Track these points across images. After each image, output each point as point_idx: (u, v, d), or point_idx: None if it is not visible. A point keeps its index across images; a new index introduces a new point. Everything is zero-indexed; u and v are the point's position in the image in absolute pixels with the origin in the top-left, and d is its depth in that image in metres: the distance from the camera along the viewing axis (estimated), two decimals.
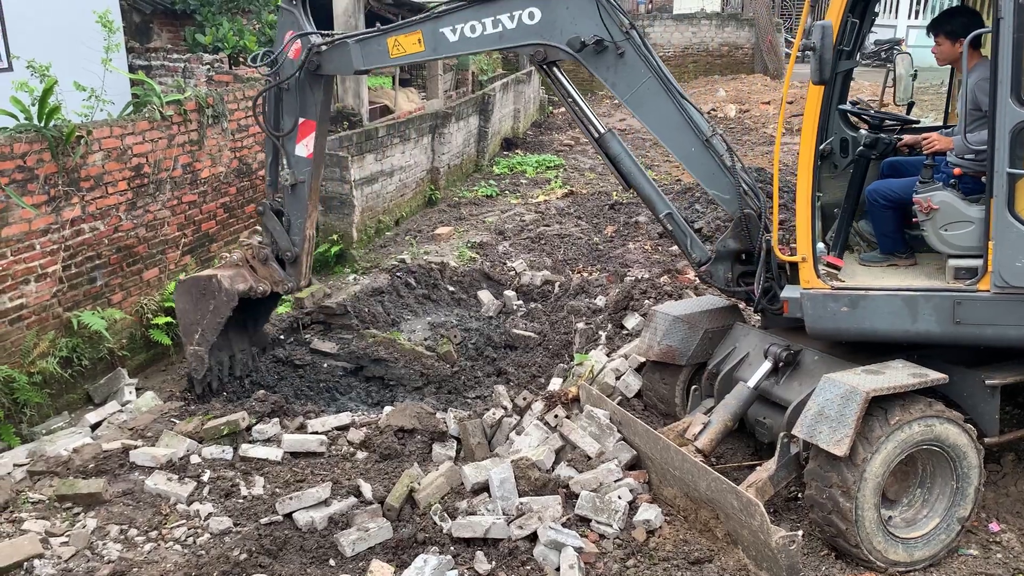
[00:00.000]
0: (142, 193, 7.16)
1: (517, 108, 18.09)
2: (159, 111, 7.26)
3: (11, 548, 4.50)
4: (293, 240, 6.43)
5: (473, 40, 5.42)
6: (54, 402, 6.29)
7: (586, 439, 5.12)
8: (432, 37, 5.51)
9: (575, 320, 7.86)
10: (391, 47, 5.66)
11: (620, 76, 5.16)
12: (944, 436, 4.33)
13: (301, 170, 6.26)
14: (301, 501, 4.84)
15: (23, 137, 6.01)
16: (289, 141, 6.23)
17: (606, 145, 5.50)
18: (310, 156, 6.23)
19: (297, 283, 6.58)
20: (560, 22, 5.18)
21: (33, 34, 8.21)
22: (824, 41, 4.28)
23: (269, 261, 6.48)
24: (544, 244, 10.58)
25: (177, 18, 10.77)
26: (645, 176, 5.54)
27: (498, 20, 5.29)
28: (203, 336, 6.30)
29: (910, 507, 4.53)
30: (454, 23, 5.41)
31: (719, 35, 25.48)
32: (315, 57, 5.92)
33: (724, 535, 4.41)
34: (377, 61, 5.82)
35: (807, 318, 4.67)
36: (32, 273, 6.15)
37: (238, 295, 6.23)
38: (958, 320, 4.41)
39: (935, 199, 4.54)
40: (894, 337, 4.61)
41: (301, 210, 6.36)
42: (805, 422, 4.31)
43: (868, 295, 4.56)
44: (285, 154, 6.28)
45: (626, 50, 5.11)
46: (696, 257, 5.38)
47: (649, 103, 5.14)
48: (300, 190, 6.31)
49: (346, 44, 5.83)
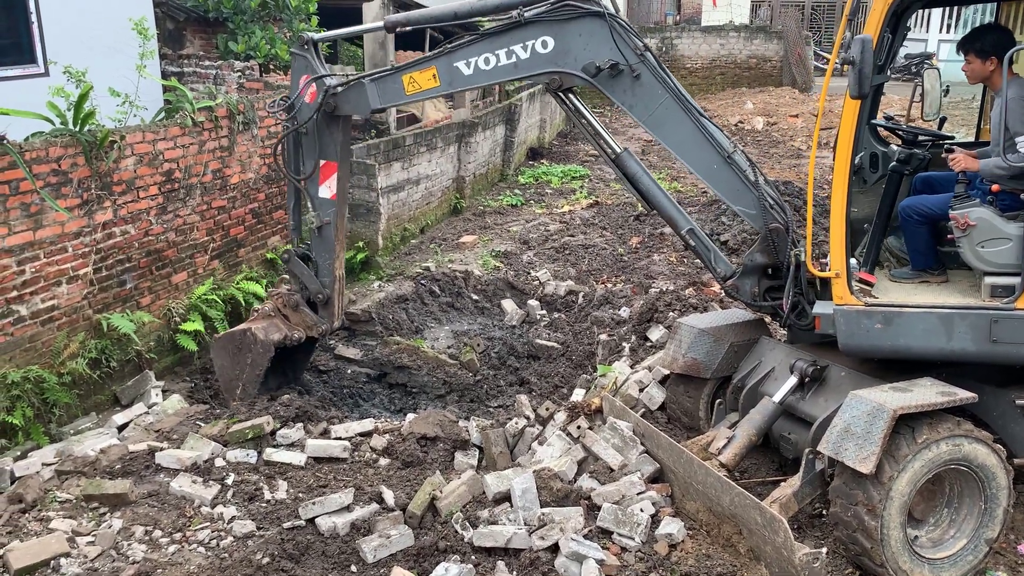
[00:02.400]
0: (173, 198, 7.25)
1: (543, 118, 18.12)
2: (191, 117, 7.35)
3: (39, 546, 4.56)
4: (323, 282, 6.45)
5: (487, 72, 5.46)
6: (82, 403, 6.37)
7: (609, 451, 5.11)
8: (447, 72, 5.55)
9: (598, 331, 7.85)
10: (406, 84, 5.71)
11: (637, 98, 5.17)
12: (972, 456, 4.28)
13: (326, 212, 6.30)
14: (324, 506, 4.87)
15: (58, 141, 6.11)
16: (312, 184, 6.28)
17: (623, 164, 5.52)
18: (333, 197, 6.28)
19: (331, 325, 6.59)
20: (574, 49, 5.20)
21: (70, 40, 8.35)
22: (864, 55, 4.22)
23: (300, 307, 6.47)
24: (568, 254, 10.58)
25: (210, 26, 10.90)
26: (664, 193, 5.54)
27: (512, 51, 5.34)
28: (244, 390, 6.34)
29: (937, 527, 4.47)
30: (468, 57, 5.46)
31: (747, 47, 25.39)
32: (331, 99, 5.97)
33: (747, 551, 4.37)
34: (394, 99, 5.86)
35: (840, 335, 4.62)
36: (64, 275, 6.24)
37: (274, 345, 6.26)
38: (994, 339, 4.35)
39: (972, 215, 4.50)
40: (929, 355, 4.54)
41: (329, 251, 6.40)
42: (831, 438, 4.28)
43: (903, 312, 4.50)
44: (308, 197, 6.34)
45: (641, 72, 5.12)
46: (721, 272, 5.36)
47: (668, 123, 5.14)
48: (326, 231, 6.36)
49: (362, 84, 5.87)
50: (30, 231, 5.93)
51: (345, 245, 6.83)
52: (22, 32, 8.22)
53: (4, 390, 5.73)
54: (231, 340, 6.36)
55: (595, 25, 5.15)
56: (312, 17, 10.87)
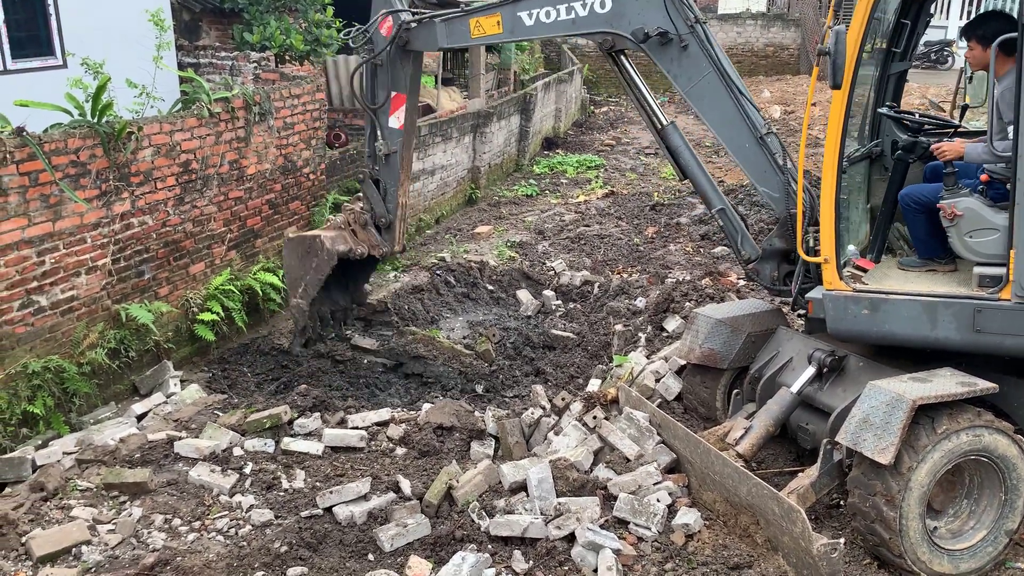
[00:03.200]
0: (190, 189, 7.28)
1: (558, 107, 18.06)
2: (207, 108, 7.37)
3: (60, 534, 4.61)
4: (388, 207, 6.89)
5: (547, 25, 5.65)
6: (102, 392, 6.42)
7: (625, 441, 5.10)
8: (510, 19, 5.77)
9: (614, 321, 7.83)
10: (472, 27, 5.97)
11: (683, 68, 5.25)
12: (993, 447, 4.24)
13: (394, 141, 6.69)
14: (341, 495, 4.90)
15: (77, 133, 6.15)
16: (383, 114, 6.64)
17: (667, 137, 5.64)
18: (401, 127, 6.65)
19: (391, 248, 7.03)
20: (629, 12, 5.33)
21: (87, 32, 8.40)
22: (838, 47, 4.25)
23: (368, 226, 6.93)
24: (584, 244, 10.56)
25: (225, 16, 10.93)
26: (703, 170, 5.63)
27: (571, 7, 5.51)
28: (305, 291, 6.84)
29: (956, 518, 4.44)
30: (531, 7, 5.65)
31: (764, 35, 25.21)
32: (404, 33, 6.28)
33: (764, 541, 4.36)
34: (460, 40, 6.13)
35: (828, 319, 4.68)
36: (83, 266, 6.29)
37: (337, 255, 6.71)
38: (978, 328, 4.34)
39: (960, 205, 4.49)
40: (913, 342, 4.58)
41: (394, 178, 6.80)
42: (849, 429, 4.25)
43: (888, 299, 4.53)
44: (379, 126, 6.69)
45: (689, 43, 5.19)
46: (746, 254, 5.41)
47: (708, 97, 5.20)
48: (393, 160, 6.75)
49: (433, 23, 6.19)
50: (50, 222, 5.98)
51: (410, 174, 7.21)
52: (40, 24, 8.27)
53: (25, 380, 5.79)
54: (301, 243, 6.82)
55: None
56: (328, 7, 10.86)
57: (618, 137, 17.97)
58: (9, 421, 5.63)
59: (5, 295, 5.70)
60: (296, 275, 6.90)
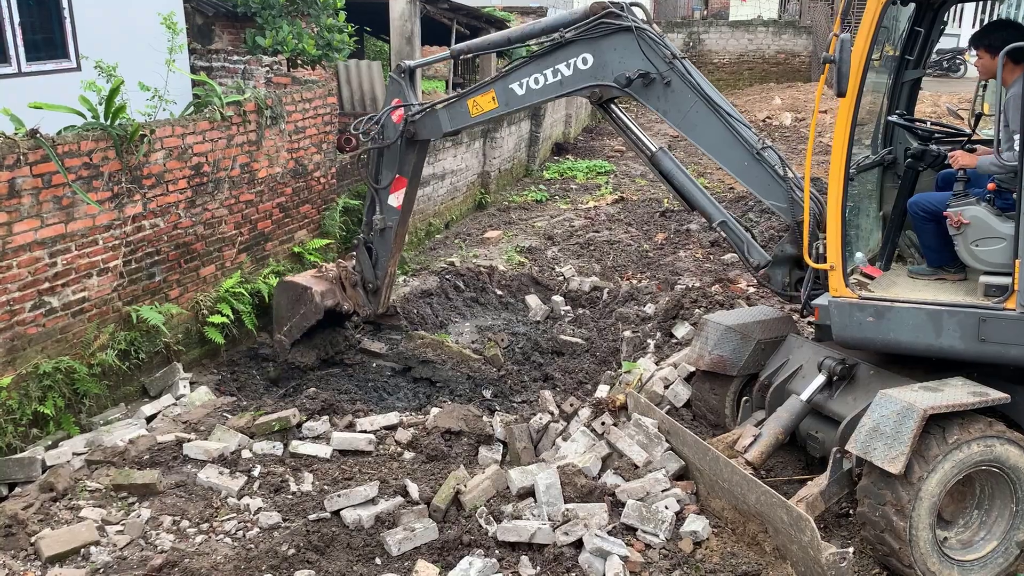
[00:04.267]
0: (201, 191, 7.31)
1: (568, 113, 18.07)
2: (219, 112, 7.41)
3: (69, 534, 4.63)
4: (377, 274, 7.28)
5: (538, 90, 5.97)
6: (111, 393, 6.45)
7: (633, 447, 5.09)
8: (504, 93, 6.11)
9: (623, 327, 7.82)
10: (471, 107, 6.32)
11: (670, 104, 5.48)
12: (1005, 457, 4.21)
13: (391, 217, 7.07)
14: (349, 499, 4.90)
15: (90, 135, 6.18)
16: (384, 192, 7.03)
17: (659, 162, 5.90)
18: (399, 207, 7.05)
19: (375, 310, 7.45)
20: (610, 63, 5.61)
21: (101, 35, 8.45)
22: (842, 55, 4.27)
23: (357, 287, 7.34)
24: (593, 250, 10.55)
25: (238, 20, 10.97)
26: (698, 187, 5.79)
27: (557, 70, 5.83)
28: (290, 331, 7.23)
29: (967, 529, 4.41)
30: (520, 78, 5.99)
31: (776, 42, 25.17)
32: (410, 126, 6.65)
33: (773, 549, 4.34)
34: (462, 121, 6.48)
35: (834, 326, 4.70)
36: (94, 267, 6.32)
37: (324, 310, 7.13)
38: (983, 338, 4.32)
39: (966, 214, 4.48)
40: (918, 351, 4.57)
41: (387, 250, 7.21)
42: (859, 438, 4.23)
43: (893, 307, 4.52)
44: (379, 202, 7.09)
45: (671, 79, 5.43)
46: (754, 261, 5.48)
47: (700, 126, 5.41)
48: (388, 234, 7.13)
49: (435, 111, 6.55)
50: (62, 224, 6.01)
51: (402, 248, 7.64)
52: (55, 27, 8.33)
53: (36, 380, 5.81)
54: (293, 289, 7.22)
55: (626, 39, 5.51)
56: (340, 12, 10.90)
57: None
58: (20, 421, 5.66)
59: (17, 296, 5.73)
60: (283, 315, 7.27)
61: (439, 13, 14.10)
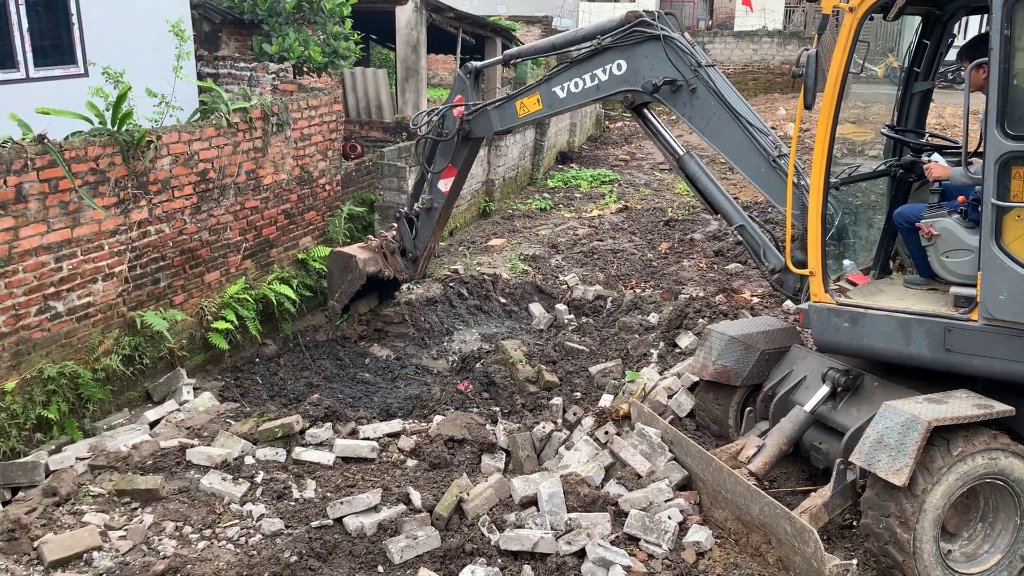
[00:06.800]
0: (207, 198, 7.34)
1: (573, 122, 18.09)
2: (226, 118, 7.44)
3: (72, 539, 4.63)
4: (416, 245, 7.94)
5: (577, 94, 6.39)
6: (115, 399, 6.46)
7: (637, 457, 5.09)
8: (547, 96, 6.55)
9: (627, 337, 7.81)
10: (519, 108, 6.81)
11: (695, 110, 5.76)
12: (1009, 470, 4.20)
13: (438, 199, 7.70)
14: (351, 506, 4.89)
15: (97, 141, 6.21)
16: (435, 176, 7.62)
17: (685, 165, 6.18)
18: (446, 193, 7.65)
19: (412, 276, 8.21)
20: (642, 69, 5.95)
21: (109, 42, 8.48)
22: (808, 69, 4.49)
23: (396, 254, 8.02)
24: (597, 259, 10.55)
25: (245, 27, 11.02)
26: (721, 190, 6.02)
27: (594, 75, 6.22)
28: (340, 296, 8.06)
29: (971, 541, 4.40)
30: (561, 82, 6.43)
31: (780, 52, 25.18)
32: (465, 125, 7.19)
33: (776, 560, 4.33)
34: (510, 121, 6.97)
35: (813, 330, 4.88)
36: (100, 272, 6.34)
37: (367, 276, 7.85)
38: (948, 347, 4.40)
39: (936, 225, 4.58)
40: (888, 357, 4.70)
41: (429, 227, 7.88)
42: (863, 449, 4.22)
43: (867, 313, 4.66)
44: (429, 184, 7.66)
45: (697, 87, 5.71)
46: (770, 264, 5.60)
47: (721, 132, 5.63)
48: (432, 213, 7.77)
49: (487, 111, 7.07)
50: (68, 229, 6.03)
51: (444, 227, 8.36)
52: (63, 34, 8.37)
53: (40, 385, 5.83)
54: (341, 258, 7.99)
55: (656, 47, 5.85)
56: (346, 20, 10.94)
57: (632, 152, 17.97)
58: (24, 426, 5.67)
59: (23, 300, 5.75)
60: (334, 282, 8.09)
61: (445, 22, 14.15)
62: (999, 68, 4.03)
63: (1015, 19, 3.98)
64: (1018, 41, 3.99)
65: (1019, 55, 4.00)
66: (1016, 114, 4.03)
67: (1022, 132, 4.01)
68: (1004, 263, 4.12)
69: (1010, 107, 4.04)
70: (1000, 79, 4.03)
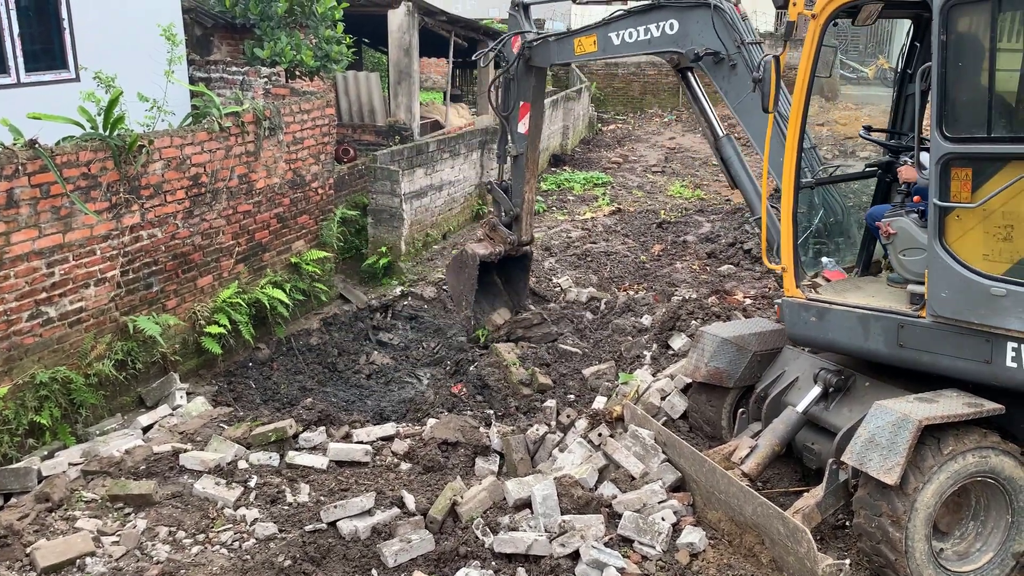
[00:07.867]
0: (199, 202, 7.33)
1: (566, 125, 18.12)
2: (218, 122, 7.43)
3: (64, 545, 4.62)
4: (515, 202, 7.96)
5: (630, 44, 6.49)
6: (108, 404, 6.44)
7: (630, 459, 5.10)
8: (603, 40, 6.68)
9: (620, 339, 7.82)
10: (576, 46, 6.96)
11: (731, 86, 5.75)
12: (1000, 468, 4.23)
13: (520, 144, 7.81)
14: (345, 510, 4.89)
15: (88, 145, 6.20)
16: (513, 120, 7.75)
17: (723, 148, 6.19)
18: (527, 132, 7.75)
19: (519, 237, 8.06)
20: (691, 34, 6.00)
21: (100, 46, 8.47)
22: (765, 75, 4.66)
23: (498, 227, 8.07)
24: (590, 261, 10.57)
25: (237, 31, 11.01)
26: (751, 179, 6.01)
27: (648, 28, 6.32)
28: (467, 301, 7.95)
29: (963, 540, 4.42)
30: (618, 29, 6.55)
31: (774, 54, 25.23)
32: (527, 51, 7.42)
33: (769, 561, 4.34)
34: (567, 56, 7.19)
35: (785, 323, 5.06)
36: (92, 277, 6.33)
37: (479, 258, 7.82)
38: (901, 343, 4.50)
39: (894, 224, 4.68)
40: (850, 351, 4.85)
41: (520, 177, 7.91)
42: (855, 449, 4.24)
43: (831, 309, 4.81)
44: (509, 131, 7.81)
45: (737, 63, 5.70)
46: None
47: (752, 113, 5.58)
48: (520, 160, 7.86)
49: (547, 42, 7.35)
50: (60, 234, 6.02)
51: (536, 174, 8.30)
52: (55, 38, 8.35)
53: (33, 390, 5.81)
54: (455, 261, 8.10)
55: (706, 15, 5.84)
56: (338, 24, 10.94)
57: (625, 155, 18.01)
58: (16, 431, 5.65)
59: (15, 306, 5.73)
60: (457, 290, 8.13)
61: (437, 25, 14.16)
62: (937, 72, 4.11)
63: (950, 24, 4.05)
64: (954, 46, 4.05)
65: (954, 59, 4.07)
66: (953, 116, 4.11)
67: (959, 134, 4.10)
68: (946, 262, 4.22)
69: (948, 110, 4.12)
70: (939, 83, 4.11)
